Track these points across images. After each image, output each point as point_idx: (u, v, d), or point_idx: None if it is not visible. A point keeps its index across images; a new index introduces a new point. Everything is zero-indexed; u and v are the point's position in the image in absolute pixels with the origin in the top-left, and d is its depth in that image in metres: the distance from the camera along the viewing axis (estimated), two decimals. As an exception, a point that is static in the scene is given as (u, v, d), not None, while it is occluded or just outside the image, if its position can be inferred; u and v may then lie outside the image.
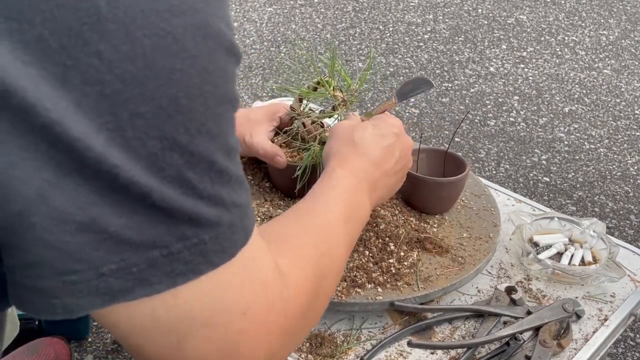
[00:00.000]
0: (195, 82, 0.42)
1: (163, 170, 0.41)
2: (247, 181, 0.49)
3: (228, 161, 0.45)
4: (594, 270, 0.94)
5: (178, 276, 0.43)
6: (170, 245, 0.43)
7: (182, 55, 0.41)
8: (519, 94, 2.87)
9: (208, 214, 0.44)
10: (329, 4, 3.92)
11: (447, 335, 0.86)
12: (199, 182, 0.43)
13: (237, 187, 0.46)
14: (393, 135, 0.84)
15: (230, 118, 0.46)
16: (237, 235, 0.46)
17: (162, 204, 0.41)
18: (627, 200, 2.15)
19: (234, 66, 0.46)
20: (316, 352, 0.81)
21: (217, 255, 0.45)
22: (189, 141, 0.42)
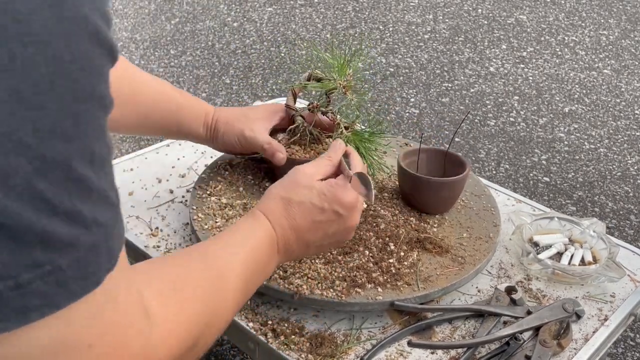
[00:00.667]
0: (43, 73, 0.35)
1: (7, 179, 0.34)
2: (116, 199, 0.42)
3: (90, 170, 0.38)
4: (594, 270, 0.94)
5: (31, 312, 0.37)
6: (18, 276, 0.35)
7: (26, 40, 0.34)
8: (519, 94, 2.87)
9: (63, 234, 0.37)
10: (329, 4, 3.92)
11: (447, 335, 0.86)
12: (53, 193, 0.36)
13: (100, 202, 0.39)
14: (333, 213, 0.76)
15: (94, 119, 0.39)
16: (100, 258, 0.40)
17: (7, 221, 0.34)
18: (627, 200, 2.15)
19: (103, 59, 0.38)
20: (316, 352, 0.81)
21: (78, 282, 0.38)
22: (39, 144, 0.35)
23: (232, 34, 3.49)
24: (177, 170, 1.21)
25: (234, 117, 1.04)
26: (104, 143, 0.40)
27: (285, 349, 0.81)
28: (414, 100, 2.79)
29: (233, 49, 3.30)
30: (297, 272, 0.87)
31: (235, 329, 0.86)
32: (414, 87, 2.91)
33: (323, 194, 0.77)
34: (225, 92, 2.86)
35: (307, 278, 0.86)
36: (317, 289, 0.84)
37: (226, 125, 1.03)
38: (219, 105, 2.72)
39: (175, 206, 1.10)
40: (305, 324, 0.86)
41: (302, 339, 0.82)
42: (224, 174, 1.08)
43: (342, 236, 0.80)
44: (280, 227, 0.74)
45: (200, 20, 3.65)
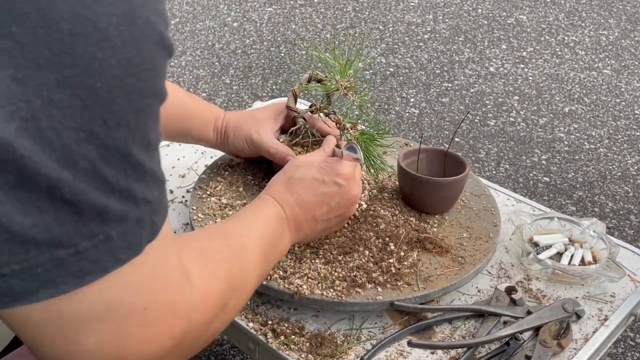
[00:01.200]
0: (116, 74, 0.40)
1: (77, 164, 0.39)
2: (163, 177, 0.47)
3: (145, 155, 0.44)
4: (594, 270, 0.94)
5: (85, 275, 0.42)
6: (78, 244, 0.41)
7: (104, 45, 0.39)
8: (519, 94, 2.87)
9: (116, 209, 0.42)
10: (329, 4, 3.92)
11: (447, 335, 0.86)
12: (112, 176, 0.41)
13: (150, 182, 0.45)
14: (333, 184, 0.83)
15: (153, 112, 0.44)
16: (143, 231, 0.45)
17: (73, 198, 0.39)
18: (627, 200, 2.15)
19: (163, 60, 0.44)
20: (316, 352, 0.81)
21: (124, 251, 0.44)
22: (107, 134, 0.40)
23: (232, 34, 3.49)
24: (177, 170, 1.21)
25: (242, 120, 1.05)
26: (157, 130, 0.46)
27: (285, 349, 0.81)
28: (414, 100, 2.79)
29: (233, 49, 3.30)
30: (297, 272, 0.87)
31: (235, 329, 0.86)
32: (414, 87, 2.91)
33: (322, 168, 0.84)
34: (225, 92, 2.86)
35: (307, 278, 0.86)
36: (317, 288, 0.84)
37: (235, 129, 1.04)
38: (219, 106, 2.72)
39: (175, 206, 1.10)
40: (305, 324, 0.86)
41: (302, 339, 0.82)
42: (224, 174, 1.08)
43: (345, 208, 0.86)
44: (286, 204, 0.80)
45: (200, 20, 3.65)
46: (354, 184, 0.86)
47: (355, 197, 0.87)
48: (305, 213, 0.81)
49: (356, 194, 0.87)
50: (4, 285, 0.40)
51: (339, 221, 0.88)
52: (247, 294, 0.67)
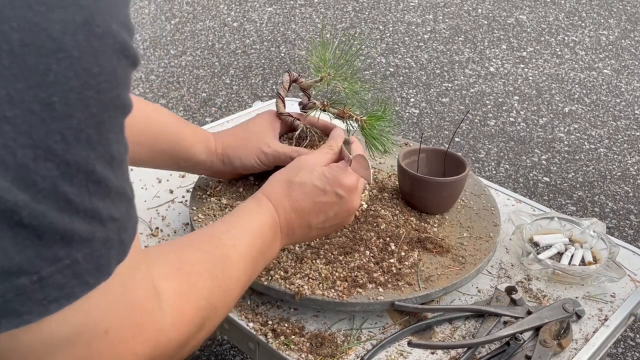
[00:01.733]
0: (73, 86, 0.37)
1: (35, 184, 0.36)
2: (130, 192, 0.45)
3: (109, 171, 0.41)
4: (594, 270, 0.94)
5: (51, 303, 0.39)
6: (41, 270, 0.38)
7: (59, 56, 0.36)
8: (519, 94, 2.87)
9: (81, 230, 0.40)
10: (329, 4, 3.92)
11: (447, 335, 0.86)
12: (75, 195, 0.39)
13: (117, 199, 0.42)
14: (334, 194, 0.80)
15: (115, 125, 0.42)
16: (112, 251, 0.42)
17: (33, 222, 0.37)
18: (627, 200, 2.15)
19: (126, 69, 0.41)
20: (316, 352, 0.81)
21: (92, 274, 0.41)
22: (66, 150, 0.38)
23: (232, 34, 3.49)
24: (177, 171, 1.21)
25: (240, 138, 1.00)
26: (122, 143, 0.43)
27: (285, 349, 0.81)
28: (414, 100, 2.79)
29: (233, 49, 3.30)
30: (298, 273, 0.87)
31: (236, 329, 0.86)
32: (414, 87, 2.91)
33: (324, 176, 0.80)
34: (225, 92, 2.86)
35: (308, 278, 0.86)
36: (318, 289, 0.84)
37: (236, 150, 0.99)
38: (219, 106, 2.72)
39: (175, 206, 1.10)
40: (306, 324, 0.86)
41: (302, 339, 0.82)
42: (224, 174, 1.08)
43: (342, 219, 0.83)
44: (282, 209, 0.77)
45: (200, 20, 3.65)
46: (356, 195, 0.82)
47: (355, 208, 0.83)
48: (300, 220, 0.78)
49: (356, 205, 0.83)
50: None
51: (335, 229, 0.85)
52: (228, 308, 0.64)
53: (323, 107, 1.00)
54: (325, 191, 0.79)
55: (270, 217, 0.75)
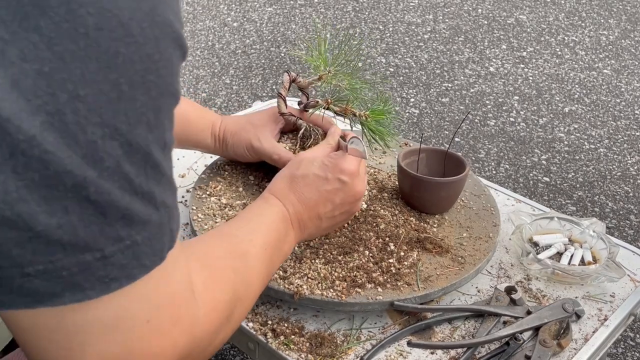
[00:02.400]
0: (138, 69, 0.39)
1: (102, 161, 0.39)
2: (175, 184, 0.46)
3: (162, 157, 0.43)
4: (593, 270, 0.94)
5: (112, 281, 0.41)
6: (104, 248, 0.40)
7: (127, 40, 0.39)
8: (519, 94, 2.87)
9: (140, 212, 0.41)
10: (329, 4, 3.92)
11: (447, 335, 0.86)
12: (135, 175, 0.41)
13: (167, 186, 0.44)
14: (337, 181, 0.82)
15: (169, 112, 0.44)
16: (165, 236, 0.44)
17: (98, 198, 0.39)
18: (627, 200, 2.15)
19: (179, 60, 0.44)
20: (316, 352, 0.81)
21: (149, 257, 0.43)
22: (129, 131, 0.40)
23: (232, 34, 3.49)
24: (177, 170, 1.21)
25: (240, 126, 1.04)
26: (172, 132, 0.45)
27: (285, 349, 0.81)
28: (414, 100, 2.79)
29: (233, 49, 3.30)
30: (297, 272, 0.87)
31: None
32: (414, 87, 2.91)
33: (324, 164, 0.82)
34: (225, 92, 2.86)
35: (307, 278, 0.86)
36: (317, 289, 0.84)
37: (233, 136, 1.03)
38: (219, 106, 2.72)
39: (175, 206, 1.10)
40: (305, 324, 0.86)
41: (302, 339, 0.82)
42: (224, 174, 1.08)
43: (350, 205, 0.84)
44: (290, 203, 0.79)
45: (200, 20, 3.65)
46: (358, 180, 0.84)
47: (360, 193, 0.85)
48: (308, 211, 0.80)
49: (361, 189, 0.85)
50: (28, 285, 0.39)
51: (345, 218, 0.86)
52: (251, 301, 0.66)
53: (327, 105, 1.00)
54: (327, 179, 0.81)
55: (280, 212, 0.77)
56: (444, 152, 1.07)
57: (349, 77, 0.98)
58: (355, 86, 0.97)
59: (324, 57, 0.97)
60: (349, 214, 0.86)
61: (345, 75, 0.98)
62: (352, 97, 0.98)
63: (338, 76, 0.98)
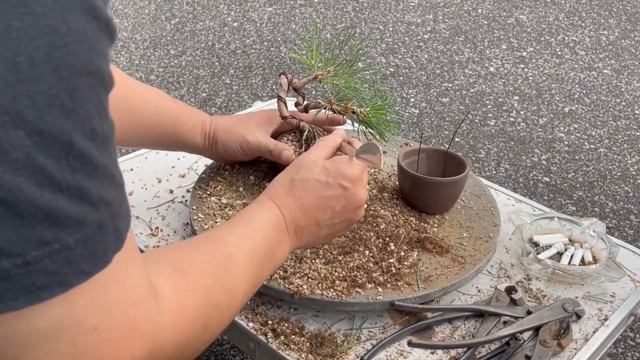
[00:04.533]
0: (39, 45, 0.34)
1: (7, 154, 0.34)
2: (120, 178, 0.41)
3: (92, 146, 0.38)
4: (594, 270, 0.94)
5: (40, 290, 0.36)
6: (26, 254, 0.35)
7: (20, 11, 0.34)
8: (519, 94, 2.87)
9: (69, 211, 0.36)
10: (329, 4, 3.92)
11: (447, 335, 0.86)
12: (55, 169, 0.35)
13: (105, 181, 0.39)
14: (338, 187, 0.76)
15: (93, 94, 0.38)
16: (108, 237, 0.40)
17: (8, 196, 0.34)
18: (627, 200, 2.15)
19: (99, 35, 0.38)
20: (316, 352, 0.81)
21: (88, 261, 0.38)
22: (37, 117, 0.34)
23: (232, 34, 3.49)
24: (177, 170, 1.21)
25: (233, 124, 1.03)
26: (105, 120, 0.40)
27: (285, 349, 0.81)
28: (414, 100, 2.79)
29: (233, 49, 3.30)
30: (297, 272, 0.87)
31: (235, 329, 0.86)
32: (414, 87, 2.91)
33: (326, 169, 0.77)
34: (225, 92, 2.86)
35: (308, 278, 0.86)
36: (317, 288, 0.84)
37: (225, 133, 1.02)
38: (219, 106, 2.72)
39: (175, 206, 1.10)
40: (306, 324, 0.86)
41: (302, 339, 0.82)
42: (224, 174, 1.08)
43: (351, 213, 0.79)
44: (286, 209, 0.74)
45: (200, 20, 3.65)
46: (361, 187, 0.79)
47: (362, 200, 0.79)
48: (307, 217, 0.75)
49: (363, 197, 0.79)
50: None
51: (345, 227, 0.80)
52: (234, 309, 0.61)
53: (330, 106, 1.00)
54: (328, 184, 0.76)
55: (274, 217, 0.72)
56: (444, 152, 1.07)
57: (346, 76, 0.98)
58: (353, 85, 0.97)
59: (319, 56, 0.98)
60: (349, 223, 0.80)
61: (343, 75, 0.98)
62: (351, 96, 0.98)
63: (337, 76, 0.98)
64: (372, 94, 1.01)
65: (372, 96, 1.00)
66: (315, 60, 0.98)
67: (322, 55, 0.98)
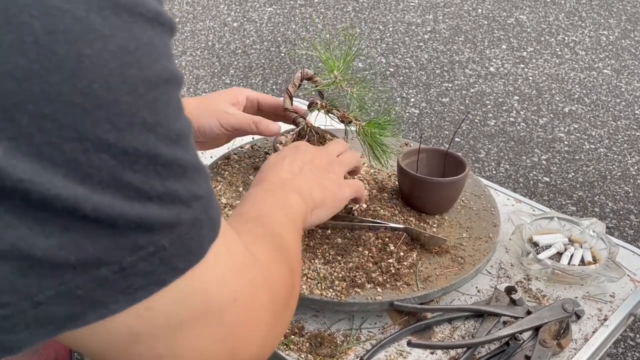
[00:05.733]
0: (113, 67, 0.34)
1: (90, 177, 0.35)
2: (204, 167, 0.43)
3: (177, 149, 0.39)
4: (593, 270, 0.94)
5: (137, 291, 0.38)
6: (122, 260, 0.37)
7: (90, 37, 0.33)
8: (519, 94, 2.87)
9: (162, 216, 0.38)
10: (329, 4, 3.92)
11: (446, 335, 0.86)
12: (143, 182, 0.37)
13: (195, 176, 0.41)
14: (288, 149, 0.84)
15: (171, 99, 0.39)
16: (203, 230, 0.41)
17: (99, 214, 0.35)
18: (627, 200, 2.15)
19: (164, 38, 0.38)
20: (316, 352, 0.81)
21: (182, 258, 0.40)
22: (119, 138, 0.35)
23: (232, 34, 3.49)
24: (176, 170, 1.21)
25: (201, 105, 0.98)
26: (184, 118, 0.41)
27: (285, 349, 0.81)
28: (414, 100, 2.79)
29: (233, 49, 3.30)
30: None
31: (235, 329, 0.86)
32: (414, 87, 2.91)
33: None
34: (225, 92, 2.86)
35: (307, 278, 0.86)
36: (316, 289, 0.84)
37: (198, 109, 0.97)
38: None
39: (175, 206, 1.10)
40: (305, 324, 0.86)
41: (301, 339, 0.82)
42: (224, 174, 1.08)
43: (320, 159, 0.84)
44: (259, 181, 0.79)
45: (200, 20, 3.65)
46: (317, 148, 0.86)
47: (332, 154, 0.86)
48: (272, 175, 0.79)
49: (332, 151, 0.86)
50: (43, 314, 0.36)
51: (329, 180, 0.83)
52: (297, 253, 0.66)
53: (323, 108, 1.01)
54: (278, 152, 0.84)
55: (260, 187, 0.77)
56: (444, 152, 1.07)
57: (358, 85, 0.97)
58: (362, 94, 0.97)
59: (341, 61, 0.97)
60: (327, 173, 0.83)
61: (356, 82, 0.97)
62: (352, 105, 0.98)
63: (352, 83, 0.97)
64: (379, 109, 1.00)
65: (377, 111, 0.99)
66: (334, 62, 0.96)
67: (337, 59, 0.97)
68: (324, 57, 0.96)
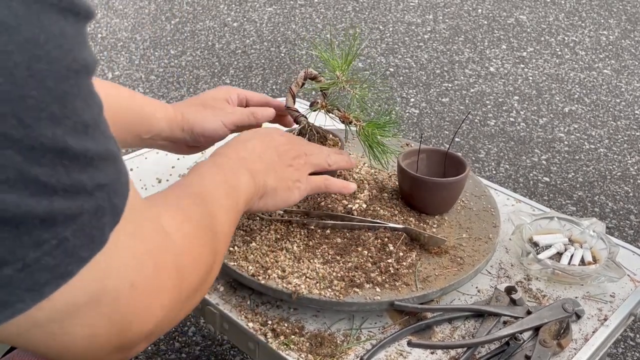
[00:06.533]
0: (19, 61, 0.33)
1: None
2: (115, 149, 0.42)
3: (86, 140, 0.38)
4: (593, 270, 0.94)
5: (43, 286, 0.37)
6: (25, 257, 0.36)
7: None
8: (519, 94, 2.87)
9: (65, 208, 0.37)
10: (329, 4, 3.92)
11: (447, 335, 0.86)
12: (49, 176, 0.35)
13: (101, 164, 0.39)
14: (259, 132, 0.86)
15: (81, 90, 0.37)
16: (105, 218, 0.40)
17: (5, 214, 0.34)
18: (627, 200, 2.15)
19: (78, 27, 0.36)
20: (316, 352, 0.81)
21: (85, 248, 0.39)
22: (26, 134, 0.34)
23: (232, 34, 3.49)
24: (177, 170, 1.21)
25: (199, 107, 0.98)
26: (94, 104, 0.39)
27: (285, 349, 0.81)
28: (414, 100, 2.79)
29: (233, 49, 3.30)
30: (295, 272, 0.87)
31: (235, 329, 0.86)
32: (414, 87, 2.91)
33: None
34: (225, 92, 2.86)
35: (306, 278, 0.86)
36: (315, 288, 0.84)
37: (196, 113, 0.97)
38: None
39: (175, 206, 1.10)
40: (305, 324, 0.86)
41: (302, 339, 0.82)
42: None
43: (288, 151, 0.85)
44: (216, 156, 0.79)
45: (200, 20, 3.65)
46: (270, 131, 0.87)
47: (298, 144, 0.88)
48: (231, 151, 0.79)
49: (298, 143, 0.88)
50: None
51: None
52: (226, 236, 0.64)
53: (322, 108, 1.01)
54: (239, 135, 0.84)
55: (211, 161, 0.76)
56: (444, 152, 1.07)
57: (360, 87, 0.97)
58: (365, 95, 0.97)
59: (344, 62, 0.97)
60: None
61: (357, 82, 0.97)
62: (354, 105, 0.97)
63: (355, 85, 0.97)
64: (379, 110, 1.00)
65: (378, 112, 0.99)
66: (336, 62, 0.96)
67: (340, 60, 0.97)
68: (326, 56, 0.97)
